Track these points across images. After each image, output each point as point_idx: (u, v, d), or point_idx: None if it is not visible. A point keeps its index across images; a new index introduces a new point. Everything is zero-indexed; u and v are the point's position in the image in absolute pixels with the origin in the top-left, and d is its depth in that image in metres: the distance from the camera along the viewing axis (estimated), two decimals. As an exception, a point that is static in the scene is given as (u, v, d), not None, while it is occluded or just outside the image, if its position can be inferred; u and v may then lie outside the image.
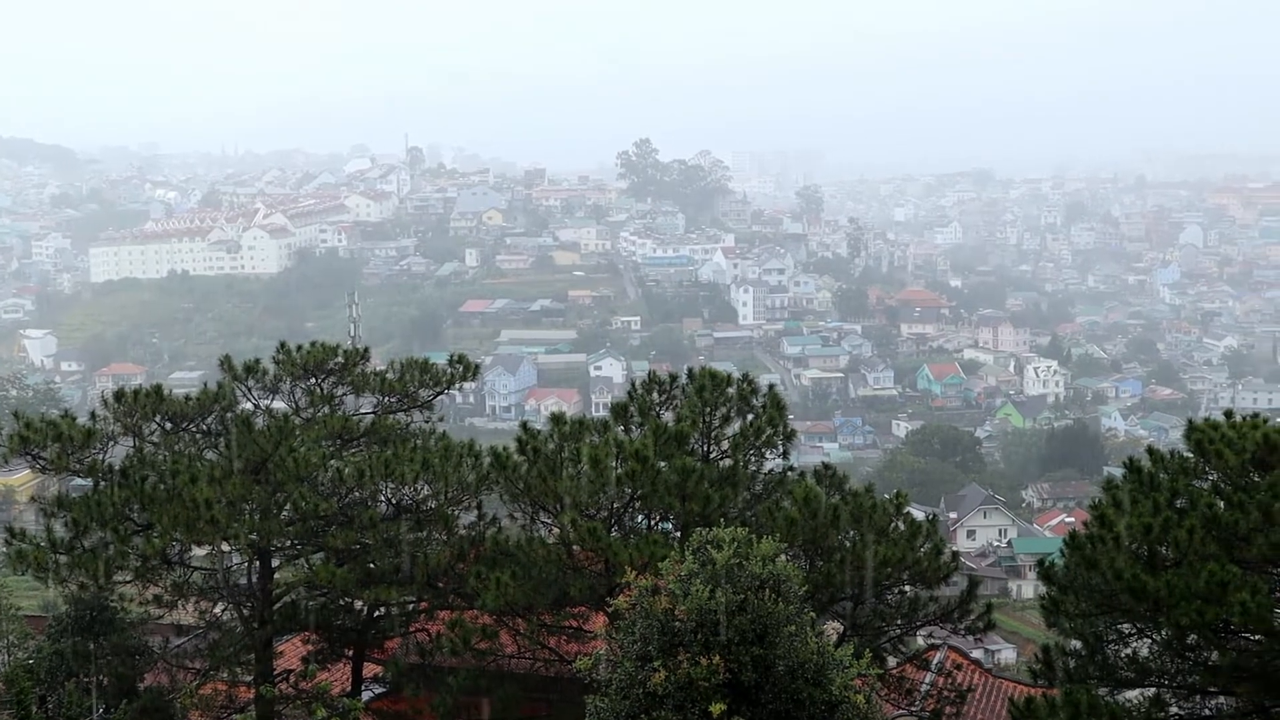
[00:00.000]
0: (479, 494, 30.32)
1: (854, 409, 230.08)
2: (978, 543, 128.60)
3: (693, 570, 21.31)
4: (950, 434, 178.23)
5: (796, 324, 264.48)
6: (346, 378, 32.01)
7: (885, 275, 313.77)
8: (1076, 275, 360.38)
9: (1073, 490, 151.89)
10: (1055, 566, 25.49)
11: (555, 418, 31.16)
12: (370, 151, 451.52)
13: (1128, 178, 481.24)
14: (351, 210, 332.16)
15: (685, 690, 20.31)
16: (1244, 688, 23.72)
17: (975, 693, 34.57)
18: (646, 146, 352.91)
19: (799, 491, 29.29)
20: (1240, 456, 23.85)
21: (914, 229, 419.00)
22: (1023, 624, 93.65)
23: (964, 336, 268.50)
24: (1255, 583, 22.24)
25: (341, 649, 32.09)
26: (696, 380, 30.98)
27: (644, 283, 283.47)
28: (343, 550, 29.21)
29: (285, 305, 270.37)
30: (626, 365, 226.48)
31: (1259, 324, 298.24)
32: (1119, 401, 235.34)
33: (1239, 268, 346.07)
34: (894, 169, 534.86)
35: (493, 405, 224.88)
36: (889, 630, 31.09)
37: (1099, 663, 24.74)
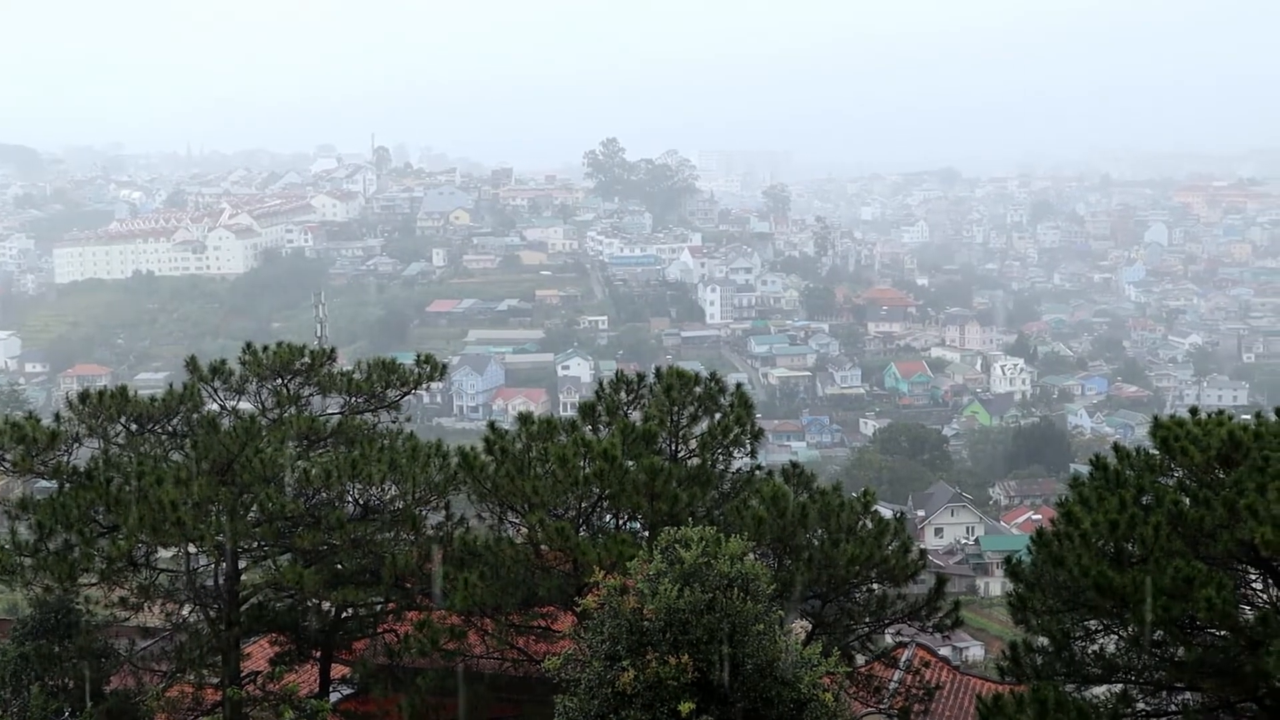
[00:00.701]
0: (446, 494, 30.21)
1: (821, 408, 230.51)
2: (945, 540, 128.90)
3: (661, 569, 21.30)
4: (917, 432, 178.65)
5: (764, 323, 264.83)
6: (313, 378, 31.88)
7: (852, 274, 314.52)
8: (1042, 273, 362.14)
9: (1039, 488, 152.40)
10: (1022, 564, 25.58)
11: (523, 417, 31.12)
12: (336, 151, 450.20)
13: (1093, 177, 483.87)
14: (318, 210, 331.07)
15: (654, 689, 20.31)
16: (1209, 683, 23.84)
17: (943, 690, 34.67)
18: (613, 146, 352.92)
19: (767, 490, 29.31)
20: (1205, 453, 23.97)
21: (881, 228, 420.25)
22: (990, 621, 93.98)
23: (931, 335, 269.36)
24: (1220, 579, 22.35)
25: (309, 650, 31.95)
26: (664, 380, 30.99)
27: (611, 282, 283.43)
28: (310, 551, 29.08)
29: (251, 306, 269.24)
30: (594, 365, 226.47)
31: (1223, 321, 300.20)
32: (1085, 399, 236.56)
33: (1203, 266, 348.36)
34: (861, 168, 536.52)
35: (460, 405, 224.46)
36: (857, 628, 31.15)
37: (1066, 659, 24.83)
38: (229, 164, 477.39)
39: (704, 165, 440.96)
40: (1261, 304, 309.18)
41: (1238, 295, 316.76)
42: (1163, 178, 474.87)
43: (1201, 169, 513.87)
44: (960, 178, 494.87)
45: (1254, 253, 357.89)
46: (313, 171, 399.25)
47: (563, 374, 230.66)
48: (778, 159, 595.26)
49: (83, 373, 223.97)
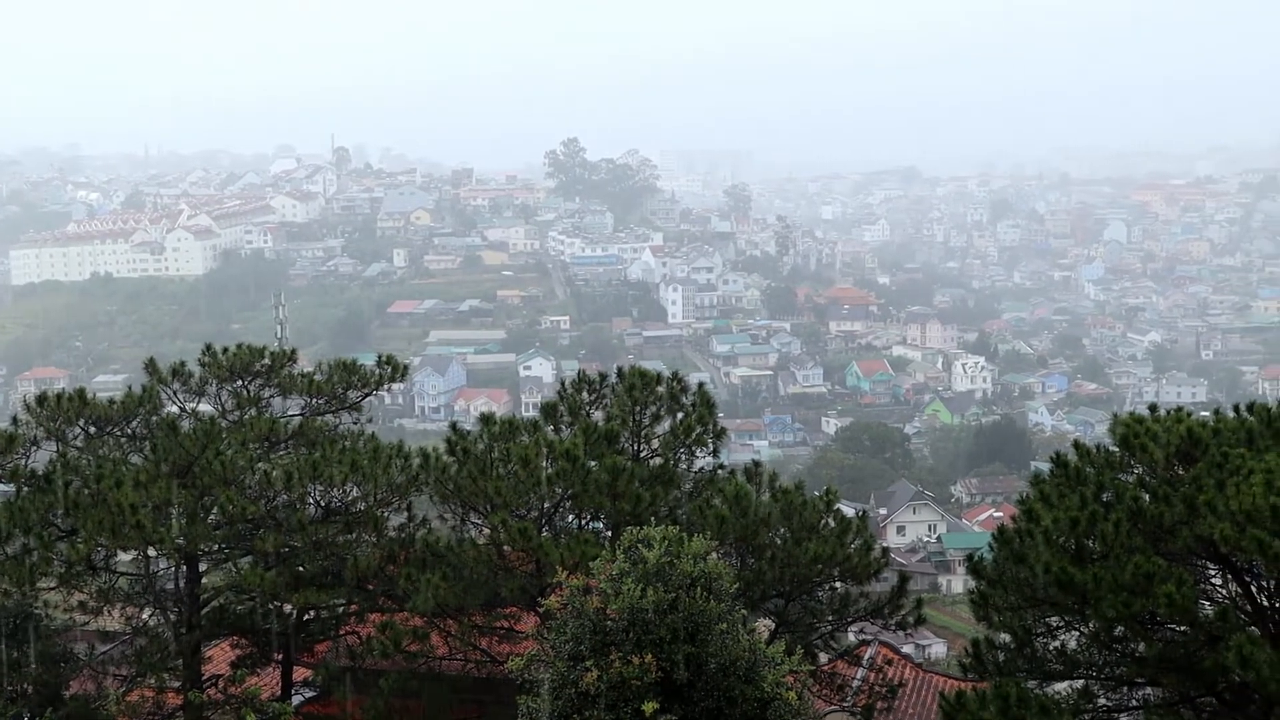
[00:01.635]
0: (408, 495, 30.13)
1: (783, 407, 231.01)
2: (907, 538, 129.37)
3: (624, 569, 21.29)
4: (879, 431, 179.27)
5: (725, 322, 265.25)
6: (273, 380, 31.74)
7: (813, 273, 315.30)
8: (1003, 272, 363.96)
9: (1001, 485, 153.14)
10: (984, 561, 25.68)
11: (485, 418, 31.05)
12: (296, 151, 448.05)
13: (1052, 175, 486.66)
14: (277, 211, 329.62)
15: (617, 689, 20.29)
16: (1170, 678, 23.98)
17: (906, 687, 34.78)
18: (574, 146, 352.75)
19: (729, 489, 29.34)
20: (1165, 450, 24.13)
21: (842, 227, 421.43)
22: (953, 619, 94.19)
23: (892, 334, 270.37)
24: (1180, 575, 22.49)
25: (271, 653, 31.79)
26: (626, 379, 30.97)
27: (573, 282, 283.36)
28: (271, 553, 28.95)
29: (210, 307, 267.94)
30: (556, 365, 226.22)
31: (1182, 319, 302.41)
32: (1045, 397, 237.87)
33: (1162, 263, 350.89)
34: (822, 168, 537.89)
35: (422, 406, 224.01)
36: (820, 627, 31.21)
37: (1028, 656, 24.94)
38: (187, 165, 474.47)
39: (665, 165, 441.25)
40: (1219, 301, 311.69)
41: (1196, 293, 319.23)
42: (1121, 176, 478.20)
43: (1160, 167, 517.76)
44: (921, 177, 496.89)
45: (1212, 250, 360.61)
46: (272, 172, 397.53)
47: (524, 374, 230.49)
48: (739, 158, 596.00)
49: (40, 375, 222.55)
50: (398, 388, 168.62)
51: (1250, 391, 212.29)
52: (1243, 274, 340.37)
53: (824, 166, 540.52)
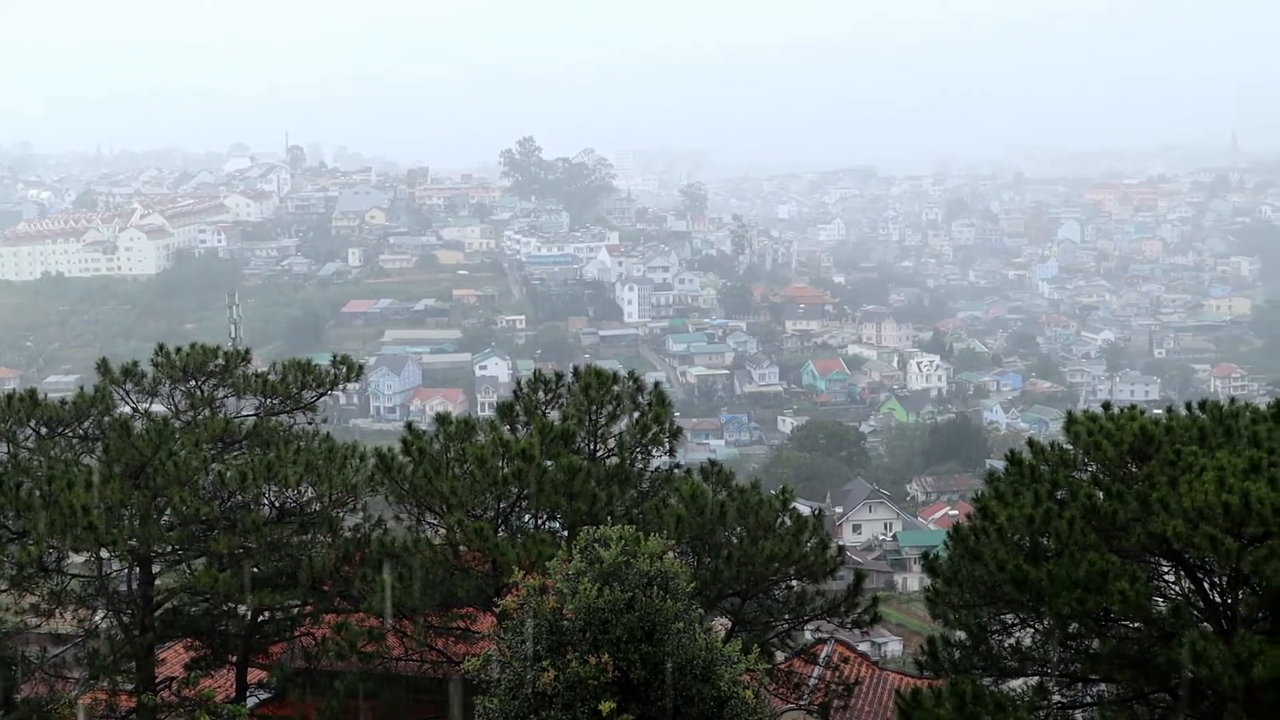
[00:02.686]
0: (364, 496, 30.03)
1: (739, 406, 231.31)
2: (863, 537, 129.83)
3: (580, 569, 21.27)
4: (835, 429, 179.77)
5: (682, 322, 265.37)
6: (227, 380, 31.56)
7: (769, 272, 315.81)
8: (957, 271, 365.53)
9: (956, 483, 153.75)
10: (939, 559, 25.79)
11: (440, 418, 30.99)
12: (250, 150, 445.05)
13: (1007, 174, 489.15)
14: (231, 210, 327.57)
15: (574, 689, 20.27)
16: (1124, 675, 24.14)
17: (862, 685, 34.86)
18: (530, 145, 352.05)
19: (686, 489, 29.36)
20: (1118, 448, 24.28)
21: (797, 226, 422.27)
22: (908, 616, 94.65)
23: (848, 332, 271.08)
24: (1134, 571, 22.65)
25: (225, 655, 31.61)
26: (582, 379, 30.95)
27: (529, 281, 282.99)
28: (225, 555, 28.78)
29: (164, 307, 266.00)
30: (512, 364, 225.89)
31: (1135, 317, 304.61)
32: (1000, 395, 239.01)
33: (1115, 262, 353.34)
34: (777, 167, 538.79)
35: (377, 406, 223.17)
36: (776, 625, 31.28)
37: (983, 653, 25.07)
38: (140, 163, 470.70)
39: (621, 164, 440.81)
40: (1172, 300, 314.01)
41: (1149, 292, 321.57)
42: (1075, 175, 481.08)
43: (1113, 167, 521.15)
44: (876, 176, 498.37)
45: (1164, 249, 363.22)
46: (226, 171, 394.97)
47: (480, 374, 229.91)
48: (695, 158, 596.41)
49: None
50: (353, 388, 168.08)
51: (1202, 390, 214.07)
52: (1195, 273, 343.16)
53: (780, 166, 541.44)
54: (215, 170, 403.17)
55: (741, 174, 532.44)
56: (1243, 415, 25.09)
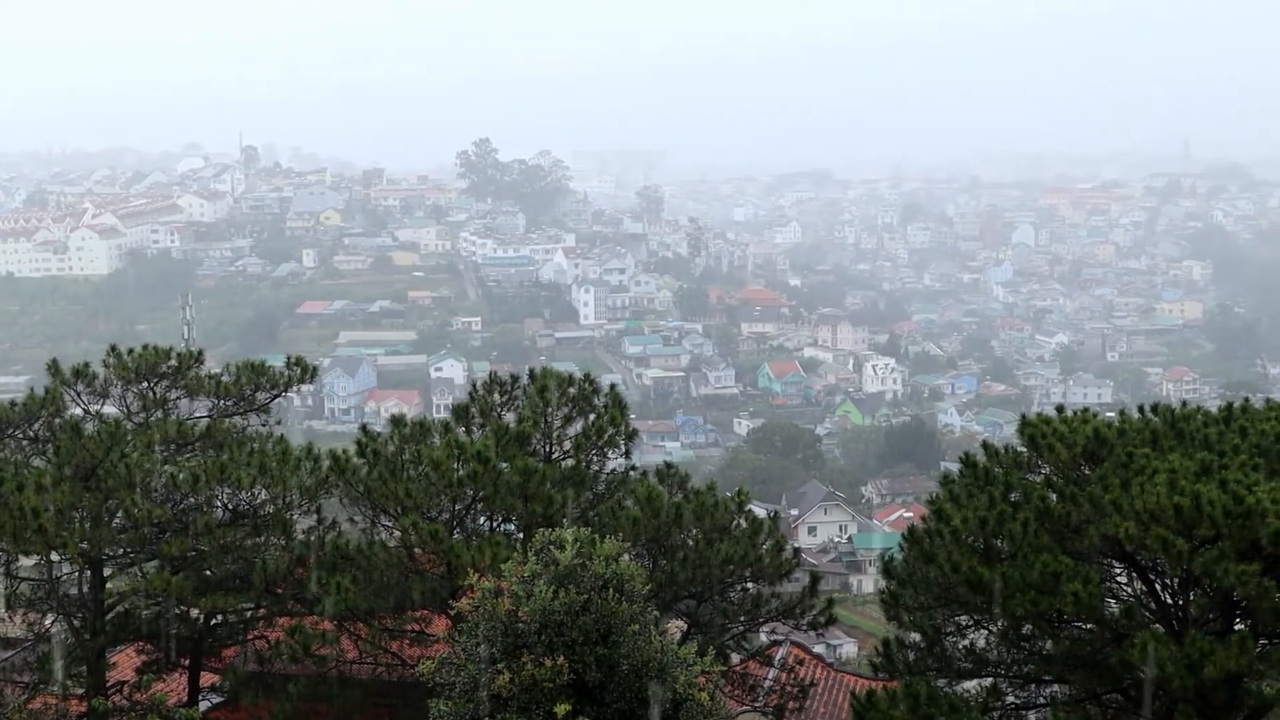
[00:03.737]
0: (318, 498, 29.86)
1: (695, 408, 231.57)
2: (819, 539, 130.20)
3: (536, 571, 21.25)
4: (791, 432, 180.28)
5: (637, 324, 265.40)
6: (180, 381, 31.34)
7: (725, 275, 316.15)
8: (913, 274, 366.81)
9: (911, 485, 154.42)
10: (895, 561, 25.89)
11: (395, 420, 30.84)
12: (204, 150, 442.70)
13: (962, 178, 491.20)
14: (184, 210, 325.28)
15: (529, 691, 20.24)
16: (1076, 675, 24.29)
17: (818, 687, 34.94)
18: (486, 146, 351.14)
19: (641, 491, 29.34)
20: (1071, 450, 24.43)
21: (754, 229, 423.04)
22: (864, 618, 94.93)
23: (804, 335, 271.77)
24: (1086, 573, 22.78)
25: (177, 658, 31.39)
26: (538, 381, 30.90)
27: (484, 283, 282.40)
28: (178, 557, 28.57)
29: (116, 308, 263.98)
30: (467, 366, 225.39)
31: (1088, 321, 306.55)
32: (955, 398, 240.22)
33: (1069, 266, 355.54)
34: (734, 169, 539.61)
35: (331, 408, 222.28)
36: (732, 627, 31.28)
37: (938, 654, 25.17)
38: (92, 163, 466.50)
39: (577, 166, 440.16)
40: (1125, 304, 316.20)
41: (1102, 295, 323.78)
42: (1029, 179, 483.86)
43: (1067, 171, 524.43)
44: (832, 179, 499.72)
45: (1117, 253, 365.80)
46: (179, 171, 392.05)
47: (436, 376, 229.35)
48: (651, 160, 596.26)
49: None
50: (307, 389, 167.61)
51: (1154, 392, 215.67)
52: (1147, 276, 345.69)
53: (736, 168, 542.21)
54: (169, 170, 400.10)
55: (698, 176, 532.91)
56: (1194, 418, 25.30)
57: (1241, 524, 21.46)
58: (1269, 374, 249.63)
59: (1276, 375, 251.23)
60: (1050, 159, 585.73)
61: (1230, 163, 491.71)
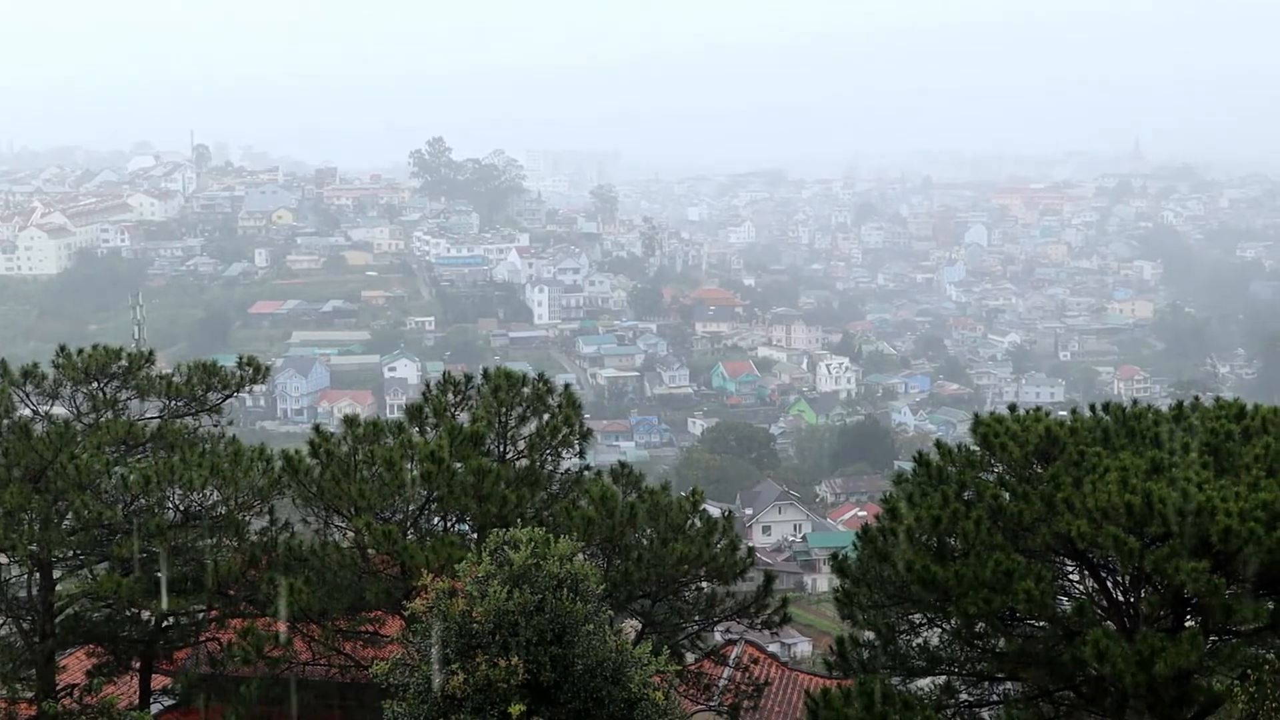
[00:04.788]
0: (270, 499, 29.71)
1: (650, 407, 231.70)
2: (773, 538, 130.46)
3: (490, 571, 21.21)
4: (745, 431, 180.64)
5: (592, 323, 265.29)
6: (131, 381, 31.07)
7: (680, 274, 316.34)
8: (866, 274, 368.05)
9: (865, 484, 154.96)
10: (848, 560, 25.93)
11: (348, 420, 30.69)
12: (154, 149, 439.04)
13: (915, 178, 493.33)
14: (135, 209, 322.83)
15: (484, 692, 20.20)
16: (1029, 673, 24.41)
17: (772, 686, 34.99)
18: (439, 145, 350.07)
19: (596, 490, 29.30)
20: (1024, 449, 24.53)
21: (708, 228, 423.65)
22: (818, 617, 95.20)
23: (758, 334, 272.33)
24: (1039, 571, 22.89)
25: (128, 661, 31.15)
26: (492, 380, 30.82)
27: (438, 283, 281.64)
28: (129, 559, 28.37)
29: (65, 308, 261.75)
30: (421, 366, 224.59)
31: (1040, 320, 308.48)
32: (908, 397, 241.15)
33: (1021, 266, 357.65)
34: (688, 169, 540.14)
35: (284, 408, 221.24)
36: (686, 627, 31.28)
37: (892, 653, 25.23)
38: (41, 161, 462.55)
39: (531, 165, 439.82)
40: (1076, 303, 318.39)
41: (1054, 295, 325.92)
42: (982, 180, 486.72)
43: (1019, 171, 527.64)
44: (786, 179, 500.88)
45: (1069, 253, 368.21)
46: (129, 169, 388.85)
47: (389, 376, 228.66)
48: (605, 159, 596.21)
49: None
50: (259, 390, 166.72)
51: (1106, 391, 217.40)
52: (1099, 276, 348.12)
53: (690, 168, 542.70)
54: (118, 169, 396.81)
55: (651, 176, 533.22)
56: (1145, 417, 25.45)
57: (1192, 522, 21.61)
58: (1218, 373, 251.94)
59: (1226, 374, 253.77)
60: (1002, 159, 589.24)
61: (1180, 163, 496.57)
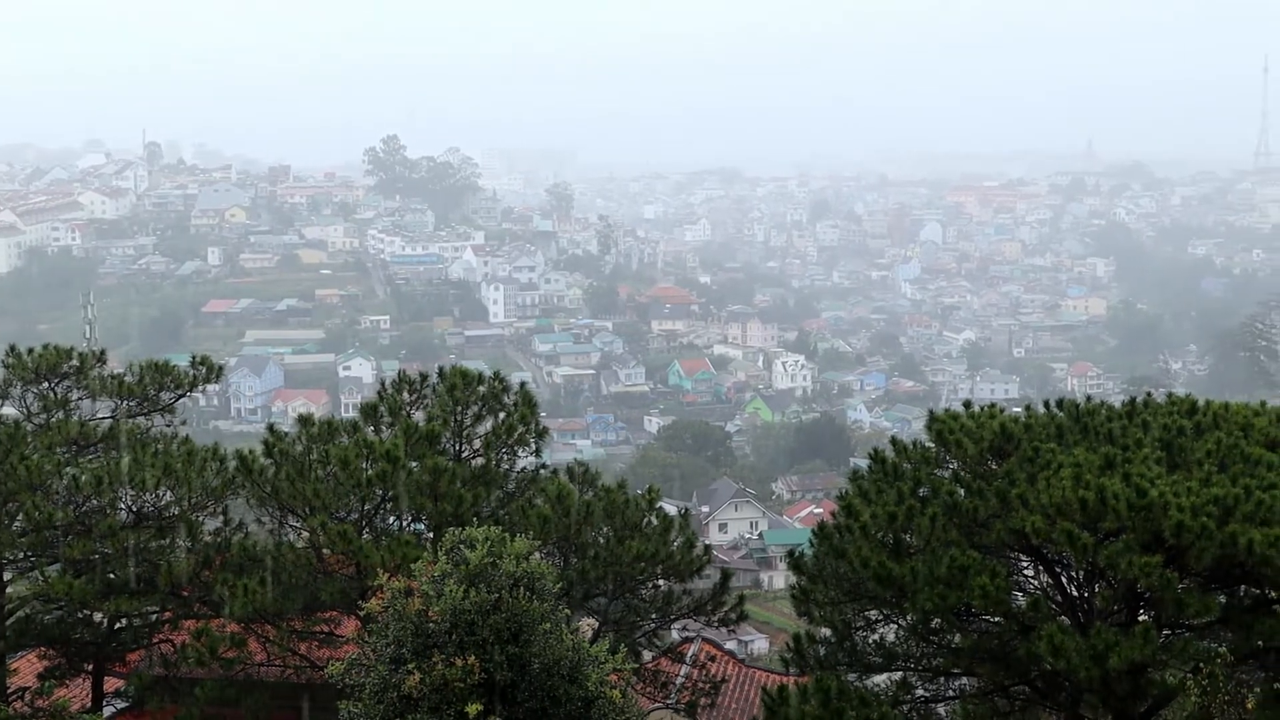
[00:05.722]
0: (224, 499, 29.55)
1: (606, 406, 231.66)
2: (729, 536, 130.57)
3: (446, 570, 21.14)
4: (701, 429, 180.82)
5: (548, 322, 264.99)
6: (82, 381, 30.84)
7: (635, 272, 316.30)
8: (822, 271, 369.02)
9: (821, 482, 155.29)
10: (805, 557, 25.98)
11: (303, 419, 30.57)
12: (106, 146, 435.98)
13: (870, 176, 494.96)
14: (86, 207, 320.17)
15: (440, 692, 20.14)
16: (984, 668, 24.51)
17: (729, 683, 35.02)
18: (394, 143, 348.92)
19: (552, 489, 29.28)
20: (979, 445, 24.63)
21: (663, 226, 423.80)
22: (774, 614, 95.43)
23: (714, 332, 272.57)
24: (994, 567, 22.98)
25: (81, 664, 30.90)
26: (447, 379, 30.73)
27: (393, 281, 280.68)
28: (80, 561, 28.16)
29: (15, 307, 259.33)
30: (376, 365, 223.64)
31: (995, 317, 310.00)
32: (864, 394, 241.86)
33: (976, 263, 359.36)
34: (643, 167, 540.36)
35: (238, 408, 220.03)
36: (643, 625, 31.30)
37: (848, 649, 25.30)
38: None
39: (487, 163, 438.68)
40: (1030, 300, 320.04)
41: (1008, 292, 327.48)
42: (936, 178, 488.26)
43: (973, 169, 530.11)
44: (741, 177, 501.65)
45: (1023, 251, 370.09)
46: (80, 167, 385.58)
47: (344, 375, 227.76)
48: (561, 158, 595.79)
49: None
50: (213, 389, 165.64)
51: (1059, 388, 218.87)
52: (1052, 274, 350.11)
53: (646, 166, 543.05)
54: (69, 166, 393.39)
55: (607, 174, 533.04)
56: (1098, 413, 25.62)
57: (1145, 517, 21.75)
58: (1170, 369, 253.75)
59: (1178, 370, 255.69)
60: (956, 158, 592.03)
61: (1132, 161, 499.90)
